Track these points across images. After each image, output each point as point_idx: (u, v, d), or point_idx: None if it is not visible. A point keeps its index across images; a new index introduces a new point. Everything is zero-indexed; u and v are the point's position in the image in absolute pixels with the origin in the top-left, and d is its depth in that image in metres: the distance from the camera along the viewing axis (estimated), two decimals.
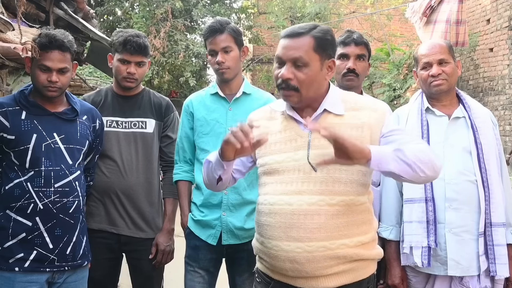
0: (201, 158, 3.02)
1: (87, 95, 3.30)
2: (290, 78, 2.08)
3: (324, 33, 2.12)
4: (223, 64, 2.96)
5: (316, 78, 2.11)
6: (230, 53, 2.98)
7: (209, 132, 3.04)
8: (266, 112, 2.34)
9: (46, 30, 2.72)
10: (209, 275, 3.04)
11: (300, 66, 2.08)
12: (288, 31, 2.14)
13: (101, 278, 3.12)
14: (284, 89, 2.11)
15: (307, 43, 2.08)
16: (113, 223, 3.12)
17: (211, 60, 3.02)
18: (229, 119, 3.03)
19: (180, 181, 3.16)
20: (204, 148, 3.03)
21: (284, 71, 2.09)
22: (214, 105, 3.08)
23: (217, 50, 2.96)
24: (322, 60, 2.11)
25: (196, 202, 3.08)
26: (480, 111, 2.74)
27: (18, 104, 2.71)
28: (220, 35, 2.96)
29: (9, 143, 2.65)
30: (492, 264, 2.57)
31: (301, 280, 2.10)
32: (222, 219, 2.95)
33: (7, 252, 2.63)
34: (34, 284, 2.64)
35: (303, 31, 2.10)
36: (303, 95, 2.10)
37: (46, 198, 2.64)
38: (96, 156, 3.04)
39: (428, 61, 2.73)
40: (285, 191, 2.11)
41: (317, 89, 2.14)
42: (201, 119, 3.07)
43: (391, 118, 2.21)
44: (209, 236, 2.98)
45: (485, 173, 2.60)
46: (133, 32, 3.09)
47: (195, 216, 3.05)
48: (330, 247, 2.04)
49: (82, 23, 5.64)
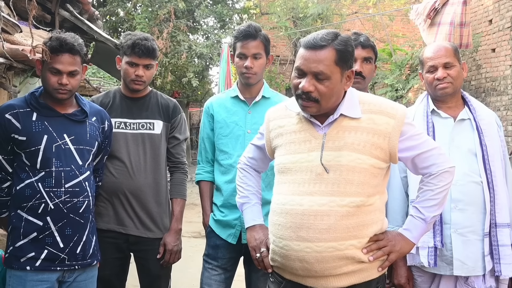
0: (220, 159, 3.14)
1: (96, 97, 3.33)
2: (311, 90, 2.09)
3: (345, 45, 2.11)
4: (251, 69, 3.05)
5: (336, 89, 2.13)
6: (259, 60, 3.06)
7: (228, 134, 3.13)
8: (282, 110, 2.38)
9: (57, 34, 2.75)
10: (226, 273, 3.13)
11: (322, 80, 2.08)
12: (310, 43, 2.10)
13: (109, 277, 3.16)
14: (304, 100, 2.12)
15: (329, 57, 2.07)
16: (121, 223, 3.15)
17: (238, 63, 3.09)
18: (248, 122, 3.11)
19: (202, 181, 3.26)
20: (223, 150, 3.12)
21: (305, 83, 2.09)
22: (234, 108, 3.16)
23: (248, 54, 3.04)
24: (342, 71, 2.12)
25: (217, 203, 3.17)
26: (485, 113, 2.77)
27: (29, 106, 2.75)
28: (253, 41, 3.04)
29: (21, 144, 2.69)
30: (497, 264, 2.61)
31: (311, 280, 2.14)
32: (242, 219, 2.98)
33: (19, 251, 2.67)
34: (45, 282, 2.69)
35: (325, 43, 2.08)
36: (322, 106, 2.12)
37: (56, 198, 2.68)
38: (105, 157, 3.08)
39: (433, 64, 2.76)
40: (297, 191, 2.15)
41: (336, 99, 2.16)
42: (221, 121, 3.15)
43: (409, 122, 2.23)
44: (229, 235, 3.08)
45: (490, 174, 2.63)
46: (142, 36, 3.12)
47: (216, 216, 3.14)
48: (339, 247, 2.08)
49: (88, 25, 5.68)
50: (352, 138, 2.12)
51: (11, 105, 2.76)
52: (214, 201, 3.20)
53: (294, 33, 15.91)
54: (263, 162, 2.58)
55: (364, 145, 2.11)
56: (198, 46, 14.84)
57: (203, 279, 3.15)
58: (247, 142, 3.01)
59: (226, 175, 3.13)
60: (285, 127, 2.28)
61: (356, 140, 2.11)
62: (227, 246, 3.10)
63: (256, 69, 3.06)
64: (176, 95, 17.66)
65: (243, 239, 3.04)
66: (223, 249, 3.11)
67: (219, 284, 3.10)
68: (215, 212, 3.16)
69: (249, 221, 2.51)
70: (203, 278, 3.15)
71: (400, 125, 2.15)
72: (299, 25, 16.11)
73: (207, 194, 3.24)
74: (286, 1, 16.16)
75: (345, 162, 2.09)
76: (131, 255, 3.31)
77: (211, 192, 3.26)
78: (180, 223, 3.26)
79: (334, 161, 2.10)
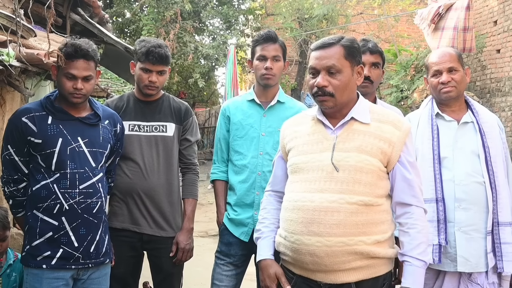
0: (235, 160, 3.25)
1: (110, 100, 3.41)
2: (325, 85, 2.25)
3: (352, 42, 2.31)
4: (271, 71, 3.16)
5: (349, 83, 2.29)
6: (278, 62, 3.19)
7: (243, 136, 3.23)
8: (297, 118, 2.53)
9: (72, 40, 2.82)
10: (237, 269, 3.22)
11: (334, 73, 2.25)
12: (319, 44, 2.31)
13: (124, 275, 3.24)
14: (320, 96, 2.27)
15: (338, 52, 2.26)
16: (135, 222, 3.22)
17: (258, 65, 3.20)
18: (263, 124, 3.21)
19: (217, 180, 3.36)
20: (238, 150, 3.23)
21: (319, 79, 2.26)
22: (250, 111, 3.26)
23: (268, 56, 3.16)
24: (352, 66, 2.29)
25: (230, 202, 3.26)
26: (488, 117, 2.85)
27: (45, 109, 2.82)
28: (274, 44, 3.17)
29: (36, 147, 2.77)
30: (500, 261, 2.68)
31: (321, 274, 2.23)
32: (255, 217, 3.11)
33: (35, 250, 2.75)
34: (60, 280, 2.76)
35: (333, 41, 2.28)
36: (337, 99, 2.27)
37: (71, 199, 2.76)
38: (117, 159, 3.16)
39: (438, 69, 2.85)
40: (308, 189, 2.26)
41: (349, 93, 2.31)
42: (237, 123, 3.25)
43: (411, 138, 2.37)
44: (242, 233, 3.18)
45: (492, 175, 2.71)
46: (155, 43, 3.20)
47: (229, 214, 3.23)
48: (348, 243, 2.17)
49: (98, 28, 5.72)
50: (360, 141, 2.24)
51: (27, 108, 2.83)
52: (228, 200, 3.29)
53: (299, 34, 15.92)
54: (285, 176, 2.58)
55: (372, 148, 2.23)
56: (204, 47, 14.85)
57: (214, 275, 3.23)
58: (261, 144, 3.13)
59: (240, 175, 3.23)
60: (300, 131, 2.41)
61: (364, 142, 2.24)
62: (239, 243, 3.19)
63: (276, 71, 3.18)
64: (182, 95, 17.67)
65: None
66: (235, 246, 3.20)
67: (230, 280, 3.19)
68: (228, 211, 3.25)
69: (258, 256, 2.59)
70: (214, 274, 3.24)
71: (404, 137, 2.28)
72: (305, 26, 16.09)
73: (222, 193, 3.34)
74: (292, 2, 16.12)
75: (353, 162, 2.21)
76: (145, 254, 3.38)
77: (225, 191, 3.35)
78: (192, 222, 3.34)
79: (344, 161, 2.22)
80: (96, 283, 2.90)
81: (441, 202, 2.73)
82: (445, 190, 2.74)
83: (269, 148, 3.18)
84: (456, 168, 2.74)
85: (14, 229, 4.32)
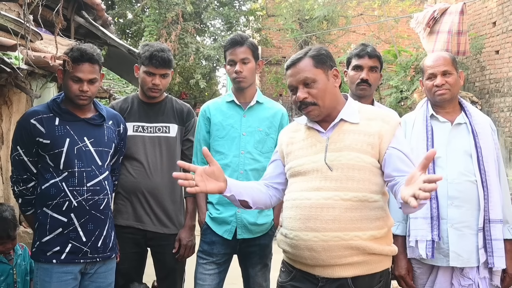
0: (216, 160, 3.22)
1: (115, 102, 3.51)
2: (305, 97, 2.36)
3: (318, 50, 2.41)
4: (240, 74, 3.21)
5: (327, 88, 2.38)
6: (248, 64, 3.23)
7: (224, 136, 3.26)
8: (293, 125, 2.62)
9: (77, 45, 2.93)
10: (220, 268, 3.25)
11: (309, 84, 2.36)
12: (289, 62, 2.43)
13: (128, 270, 3.33)
14: (304, 108, 2.38)
15: (307, 64, 2.37)
16: (139, 220, 3.31)
17: (229, 70, 3.26)
18: (243, 124, 3.27)
19: None
20: (219, 151, 3.25)
21: (299, 93, 2.37)
22: (230, 112, 3.31)
23: (236, 60, 3.21)
24: (325, 72, 2.39)
25: (212, 201, 3.28)
26: (480, 118, 2.94)
27: (52, 111, 2.93)
28: (240, 47, 3.21)
29: (45, 147, 2.87)
30: (490, 257, 2.75)
31: (319, 269, 2.32)
32: (237, 215, 3.18)
33: (45, 245, 2.86)
34: (69, 274, 2.87)
35: (301, 55, 2.40)
36: (321, 106, 2.37)
37: (79, 196, 2.86)
38: (121, 157, 3.25)
39: (433, 72, 2.93)
40: (305, 187, 2.36)
41: (331, 98, 2.40)
42: (218, 124, 3.29)
43: (401, 131, 2.44)
44: (225, 232, 3.21)
45: (484, 174, 2.79)
46: (158, 47, 3.30)
47: (212, 213, 3.26)
48: (344, 237, 2.25)
49: (102, 31, 5.82)
50: (351, 140, 2.34)
51: (35, 111, 2.93)
52: (209, 199, 3.30)
53: (300, 35, 15.98)
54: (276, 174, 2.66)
55: (362, 145, 2.32)
56: (205, 48, 14.89)
57: (197, 275, 3.24)
58: (242, 143, 3.19)
59: None
60: (296, 137, 2.52)
61: (354, 141, 2.33)
62: (222, 242, 3.21)
63: (246, 73, 3.21)
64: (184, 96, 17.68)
65: (238, 235, 3.18)
66: (218, 245, 3.21)
67: (213, 279, 3.21)
68: (210, 210, 3.27)
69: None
70: (197, 274, 3.24)
71: (393, 130, 2.36)
72: (305, 27, 16.14)
73: (202, 193, 3.29)
74: (292, 3, 16.15)
75: (345, 160, 2.31)
76: (148, 250, 3.47)
77: None
78: (194, 220, 3.41)
79: (336, 161, 2.32)
80: (102, 277, 3.00)
81: (435, 199, 2.80)
82: (438, 188, 2.73)
83: (250, 147, 3.22)
84: (449, 167, 2.82)
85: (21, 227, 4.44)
